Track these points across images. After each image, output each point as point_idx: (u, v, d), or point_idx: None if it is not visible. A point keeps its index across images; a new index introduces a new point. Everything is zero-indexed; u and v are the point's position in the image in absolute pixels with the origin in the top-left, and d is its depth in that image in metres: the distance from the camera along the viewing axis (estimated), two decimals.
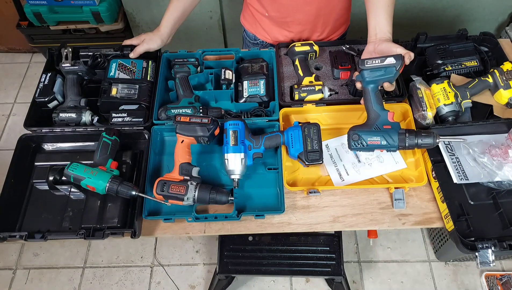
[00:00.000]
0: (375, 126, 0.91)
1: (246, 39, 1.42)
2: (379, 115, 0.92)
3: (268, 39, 1.33)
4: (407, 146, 0.90)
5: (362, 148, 0.91)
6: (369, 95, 0.93)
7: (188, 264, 1.83)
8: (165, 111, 1.10)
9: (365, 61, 0.91)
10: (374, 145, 0.90)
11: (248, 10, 1.32)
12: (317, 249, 1.36)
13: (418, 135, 0.91)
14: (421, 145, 0.90)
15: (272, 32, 1.30)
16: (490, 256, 0.88)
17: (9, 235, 0.94)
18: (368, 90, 0.93)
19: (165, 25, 1.18)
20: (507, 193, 0.98)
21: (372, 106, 0.92)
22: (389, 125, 0.91)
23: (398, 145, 0.90)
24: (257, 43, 1.37)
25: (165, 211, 1.01)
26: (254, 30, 1.35)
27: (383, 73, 0.91)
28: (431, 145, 0.91)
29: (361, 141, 0.89)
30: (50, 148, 1.12)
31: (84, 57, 1.23)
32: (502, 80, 1.09)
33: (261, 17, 1.28)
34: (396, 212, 1.00)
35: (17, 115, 2.37)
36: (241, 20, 1.40)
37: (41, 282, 1.80)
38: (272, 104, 1.11)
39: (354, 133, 0.91)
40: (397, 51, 0.92)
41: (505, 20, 2.15)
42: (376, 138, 0.90)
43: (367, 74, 0.92)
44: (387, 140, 0.89)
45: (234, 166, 0.97)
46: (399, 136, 0.89)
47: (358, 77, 0.95)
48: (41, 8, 2.00)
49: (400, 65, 0.90)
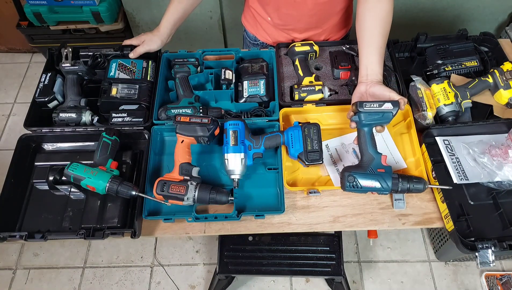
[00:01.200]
0: (369, 169, 0.93)
1: (247, 39, 1.42)
2: (373, 158, 0.94)
3: (269, 40, 1.33)
4: (399, 190, 0.93)
5: (356, 189, 0.92)
6: (365, 137, 0.95)
7: (188, 264, 1.83)
8: (165, 111, 1.10)
9: (363, 104, 0.92)
10: (368, 188, 0.92)
11: (250, 12, 1.32)
12: (317, 249, 1.36)
13: (410, 181, 0.93)
14: (412, 190, 0.93)
15: (273, 35, 1.30)
16: (490, 256, 0.88)
17: (9, 235, 0.93)
18: (363, 132, 0.95)
19: (165, 25, 1.17)
20: (507, 193, 0.98)
21: (367, 148, 0.94)
22: (382, 169, 0.93)
23: (391, 189, 0.92)
24: (257, 44, 1.37)
25: (165, 211, 1.01)
26: (255, 31, 1.35)
27: (380, 117, 0.93)
28: (420, 190, 0.93)
29: (356, 183, 0.92)
30: (50, 148, 1.12)
31: (84, 57, 1.23)
32: (502, 80, 1.09)
33: (262, 20, 1.28)
34: (396, 212, 1.00)
35: (17, 115, 2.37)
36: (242, 20, 1.40)
37: (41, 282, 1.80)
38: (272, 104, 1.11)
39: (350, 174, 0.92)
40: (390, 96, 0.94)
41: (505, 20, 2.15)
42: (371, 181, 0.91)
43: (364, 117, 0.93)
44: (381, 184, 0.91)
45: (234, 166, 0.97)
46: (392, 180, 0.92)
47: (354, 118, 0.95)
48: (41, 8, 2.00)
49: (397, 111, 0.92)
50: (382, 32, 0.99)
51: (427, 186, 0.94)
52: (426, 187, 0.94)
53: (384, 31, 0.99)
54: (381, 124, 0.95)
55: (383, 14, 0.99)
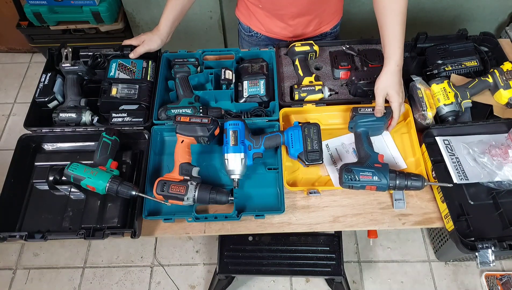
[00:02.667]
0: (366, 164, 0.96)
1: (241, 31, 1.42)
2: (370, 155, 0.98)
3: (262, 30, 1.33)
4: (397, 186, 0.94)
5: (354, 182, 0.94)
6: (361, 137, 1.01)
7: (188, 264, 1.83)
8: (165, 111, 1.10)
9: (358, 108, 1.03)
10: (366, 181, 0.93)
11: (243, 2, 1.32)
12: (317, 249, 1.36)
13: (408, 178, 0.94)
14: (410, 187, 0.94)
15: (266, 23, 1.30)
16: (490, 256, 0.88)
17: (9, 235, 0.94)
18: (359, 133, 1.02)
19: (164, 24, 1.17)
20: (507, 193, 0.98)
21: (363, 147, 1.00)
22: (379, 164, 0.96)
23: (388, 183, 0.93)
24: (251, 35, 1.37)
25: (165, 211, 1.01)
26: (249, 21, 1.35)
27: (374, 119, 1.02)
28: (419, 187, 0.94)
29: (353, 176, 0.93)
30: (50, 148, 1.12)
31: (84, 57, 1.23)
32: (502, 80, 1.09)
33: (255, 8, 1.28)
34: (396, 212, 1.00)
35: (17, 115, 2.37)
36: (236, 13, 1.40)
37: (41, 282, 1.80)
38: (272, 104, 1.11)
39: (348, 167, 0.95)
40: (377, 100, 1.01)
41: (505, 20, 2.15)
42: (368, 173, 0.93)
43: (359, 119, 1.02)
44: (379, 177, 0.93)
45: (234, 166, 0.97)
46: (390, 175, 0.93)
47: (350, 123, 1.04)
48: (41, 8, 2.00)
49: (388, 117, 1.02)
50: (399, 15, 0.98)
51: (425, 183, 0.94)
52: (424, 184, 0.94)
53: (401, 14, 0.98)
54: (377, 127, 1.00)
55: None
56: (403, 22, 0.98)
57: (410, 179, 0.94)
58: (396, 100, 0.99)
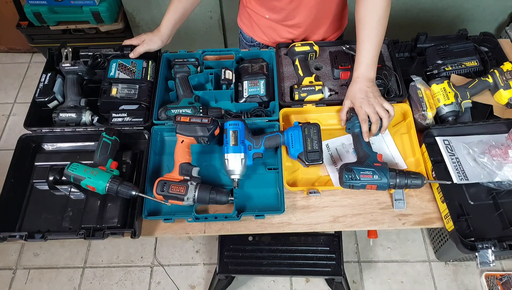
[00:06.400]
0: (366, 163, 0.96)
1: (243, 41, 1.41)
2: (369, 155, 0.98)
3: (266, 41, 1.32)
4: (397, 185, 0.94)
5: (354, 182, 0.94)
6: (359, 137, 1.01)
7: (188, 264, 1.83)
8: (165, 111, 1.10)
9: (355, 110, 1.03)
10: (366, 180, 0.93)
11: (246, 12, 1.31)
12: (317, 249, 1.36)
13: (408, 176, 0.94)
14: (410, 185, 0.94)
15: (270, 34, 1.29)
16: (490, 256, 0.88)
17: (9, 235, 0.93)
18: (357, 133, 1.02)
19: (165, 25, 1.17)
20: (507, 193, 0.98)
21: (362, 147, 1.00)
22: (379, 163, 0.96)
23: (389, 181, 0.93)
24: (254, 45, 1.37)
25: (165, 211, 1.01)
26: (252, 32, 1.34)
27: None
28: (419, 185, 0.94)
29: (354, 175, 0.93)
30: (50, 148, 1.12)
31: (84, 57, 1.23)
32: (502, 80, 1.09)
33: (259, 18, 1.27)
34: (396, 212, 1.00)
35: (17, 115, 2.37)
36: (238, 22, 1.39)
37: (41, 282, 1.80)
38: (272, 104, 1.11)
39: (348, 167, 0.95)
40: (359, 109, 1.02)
41: (505, 20, 2.15)
42: (369, 172, 0.94)
43: (356, 120, 1.02)
44: (379, 175, 0.93)
45: (234, 166, 0.97)
46: (390, 174, 0.94)
47: (348, 124, 1.05)
48: (41, 8, 2.00)
49: None
50: (379, 27, 1.02)
51: (425, 181, 0.95)
52: (424, 182, 0.94)
53: (380, 26, 1.02)
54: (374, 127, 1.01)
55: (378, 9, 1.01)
56: (375, 35, 1.02)
57: (409, 177, 0.94)
58: (365, 105, 1.00)
